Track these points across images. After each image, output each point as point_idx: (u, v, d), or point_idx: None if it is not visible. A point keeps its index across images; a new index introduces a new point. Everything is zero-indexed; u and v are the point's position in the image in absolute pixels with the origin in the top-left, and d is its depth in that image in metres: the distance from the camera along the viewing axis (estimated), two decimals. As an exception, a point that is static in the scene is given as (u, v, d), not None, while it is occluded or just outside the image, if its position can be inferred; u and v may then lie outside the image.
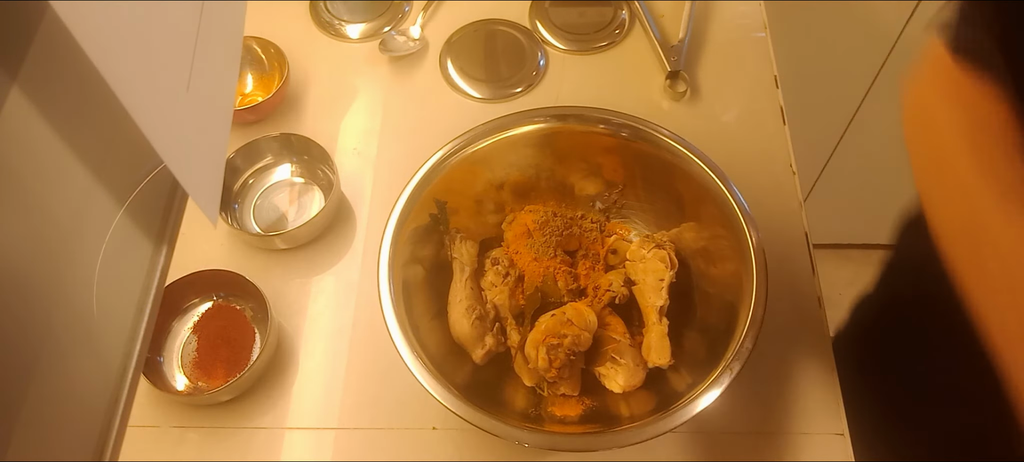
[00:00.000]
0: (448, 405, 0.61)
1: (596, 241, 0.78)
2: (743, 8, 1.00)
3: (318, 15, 1.00)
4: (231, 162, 0.83)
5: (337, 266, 0.82)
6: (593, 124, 0.75)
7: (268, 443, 0.73)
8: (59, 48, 0.29)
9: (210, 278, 0.77)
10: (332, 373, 0.76)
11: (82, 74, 0.29)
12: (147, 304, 0.38)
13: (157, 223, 0.40)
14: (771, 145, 0.89)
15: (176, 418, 0.73)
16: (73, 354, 0.34)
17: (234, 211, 0.84)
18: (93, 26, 0.29)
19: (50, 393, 0.33)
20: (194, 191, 0.35)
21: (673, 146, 0.72)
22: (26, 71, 0.30)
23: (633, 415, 0.66)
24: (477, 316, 0.70)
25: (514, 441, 0.61)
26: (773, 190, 0.85)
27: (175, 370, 0.75)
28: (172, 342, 0.76)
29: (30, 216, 0.32)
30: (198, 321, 0.77)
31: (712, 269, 0.73)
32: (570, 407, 0.69)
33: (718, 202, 0.70)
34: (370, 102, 0.93)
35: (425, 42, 0.97)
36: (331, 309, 0.79)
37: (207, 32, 0.38)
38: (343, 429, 0.73)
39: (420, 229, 0.72)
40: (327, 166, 0.84)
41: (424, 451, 0.72)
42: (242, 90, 0.93)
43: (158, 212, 0.40)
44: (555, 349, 0.67)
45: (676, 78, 0.92)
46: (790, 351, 0.75)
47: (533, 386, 0.71)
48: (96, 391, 0.35)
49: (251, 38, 0.92)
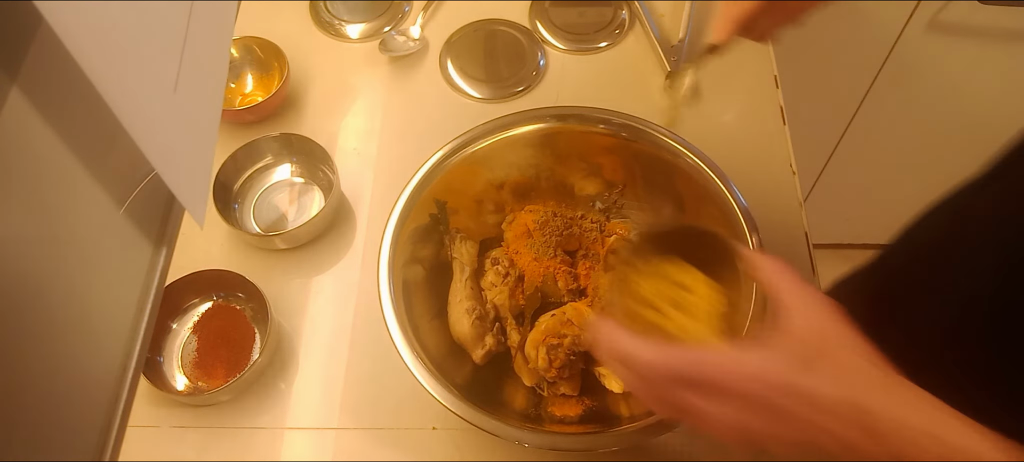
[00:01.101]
0: (448, 405, 0.61)
1: (596, 241, 0.78)
2: (743, 8, 1.00)
3: (318, 15, 1.00)
4: (231, 162, 0.83)
5: (337, 266, 0.82)
6: (593, 124, 0.75)
7: (268, 443, 0.73)
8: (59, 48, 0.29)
9: (210, 278, 0.77)
10: (332, 373, 0.76)
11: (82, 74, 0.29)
12: (147, 304, 0.38)
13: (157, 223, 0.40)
14: (771, 145, 0.89)
15: (176, 418, 0.73)
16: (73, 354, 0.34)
17: (234, 211, 0.84)
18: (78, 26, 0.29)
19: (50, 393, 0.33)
20: (181, 192, 0.35)
21: (673, 146, 0.72)
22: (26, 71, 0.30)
23: (633, 415, 0.66)
24: (477, 316, 0.70)
25: (514, 441, 0.61)
26: (773, 190, 0.85)
27: (175, 370, 0.75)
28: (172, 342, 0.76)
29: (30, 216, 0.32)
30: (198, 321, 0.77)
31: (712, 269, 0.73)
32: (570, 407, 0.69)
33: (718, 202, 0.70)
34: (370, 102, 0.93)
35: (425, 42, 0.97)
36: (331, 309, 0.79)
37: (196, 33, 0.38)
38: (343, 429, 0.73)
39: (420, 229, 0.72)
40: (327, 166, 0.84)
41: (424, 451, 0.72)
42: (242, 90, 0.93)
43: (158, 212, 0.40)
44: (555, 349, 0.67)
45: (676, 78, 0.92)
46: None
47: (533, 386, 0.71)
48: (96, 391, 0.35)
49: (251, 38, 0.92)
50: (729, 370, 0.44)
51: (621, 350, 0.47)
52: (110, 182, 0.36)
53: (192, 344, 0.76)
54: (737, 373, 0.44)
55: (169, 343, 0.76)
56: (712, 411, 0.45)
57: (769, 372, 0.43)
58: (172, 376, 0.75)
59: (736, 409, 0.44)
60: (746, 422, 0.44)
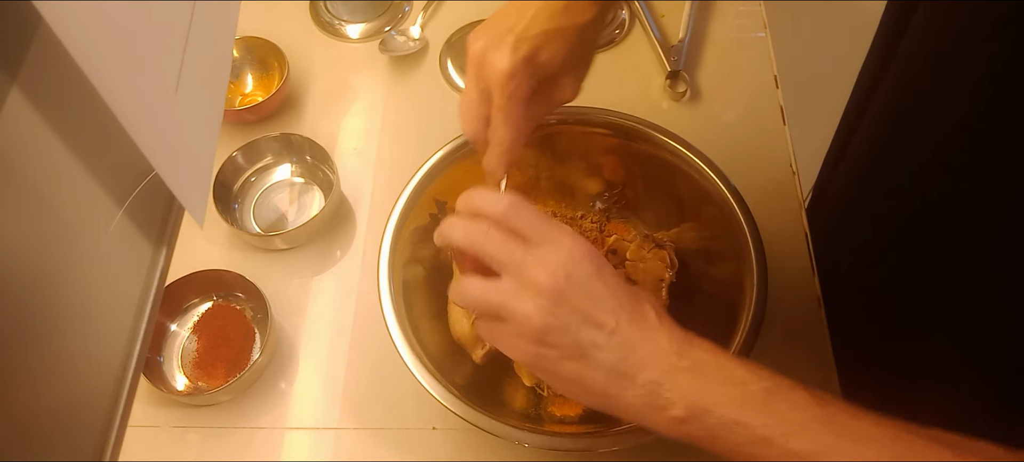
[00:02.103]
0: (448, 405, 0.61)
1: (596, 241, 0.78)
2: (743, 8, 1.00)
3: (318, 15, 1.00)
4: (231, 162, 0.83)
5: (337, 266, 0.82)
6: (593, 124, 0.75)
7: (268, 443, 0.73)
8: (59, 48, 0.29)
9: (210, 278, 0.77)
10: (332, 373, 0.76)
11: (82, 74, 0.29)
12: (147, 304, 0.38)
13: (157, 223, 0.40)
14: (771, 145, 0.89)
15: (176, 418, 0.73)
16: (73, 354, 0.35)
17: (234, 211, 0.84)
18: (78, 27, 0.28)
19: (50, 393, 0.33)
20: (181, 193, 0.35)
21: (673, 146, 0.72)
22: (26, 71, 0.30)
23: (633, 415, 0.66)
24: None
25: (514, 441, 0.61)
26: (773, 190, 0.85)
27: (175, 370, 0.75)
28: (172, 342, 0.76)
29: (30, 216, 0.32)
30: (198, 321, 0.77)
31: (712, 269, 0.73)
32: (570, 407, 0.69)
33: (718, 202, 0.70)
34: (370, 102, 0.93)
35: (425, 42, 0.97)
36: (331, 309, 0.79)
37: (198, 33, 0.38)
38: (343, 429, 0.73)
39: (420, 229, 0.72)
40: (327, 166, 0.84)
41: (424, 451, 0.72)
42: (242, 90, 0.93)
43: (158, 212, 0.40)
44: (555, 349, 0.67)
45: (676, 78, 0.92)
46: (790, 351, 0.75)
47: (533, 386, 0.71)
48: (96, 391, 0.35)
49: (251, 38, 0.92)
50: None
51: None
52: (110, 182, 0.36)
53: (192, 344, 0.76)
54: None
55: (169, 343, 0.76)
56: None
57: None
58: (172, 376, 0.75)
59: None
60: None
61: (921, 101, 0.63)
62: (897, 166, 0.68)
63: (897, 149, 0.68)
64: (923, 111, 0.63)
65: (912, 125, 0.65)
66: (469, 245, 0.49)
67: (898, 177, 0.68)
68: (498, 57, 0.54)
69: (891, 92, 0.69)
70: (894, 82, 0.69)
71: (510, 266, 0.47)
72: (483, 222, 0.49)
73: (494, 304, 0.48)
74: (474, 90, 0.57)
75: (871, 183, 0.74)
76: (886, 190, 0.70)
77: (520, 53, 0.54)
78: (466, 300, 0.50)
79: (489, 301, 0.48)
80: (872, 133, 0.74)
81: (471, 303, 0.51)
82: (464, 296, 0.50)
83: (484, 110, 0.57)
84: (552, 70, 0.57)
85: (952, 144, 0.60)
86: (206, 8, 0.39)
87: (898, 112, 0.68)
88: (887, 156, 0.70)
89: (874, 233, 0.74)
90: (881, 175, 0.71)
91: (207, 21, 0.39)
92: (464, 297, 0.50)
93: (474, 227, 0.49)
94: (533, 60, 0.54)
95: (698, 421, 0.44)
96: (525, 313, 0.46)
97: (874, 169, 0.73)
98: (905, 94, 0.66)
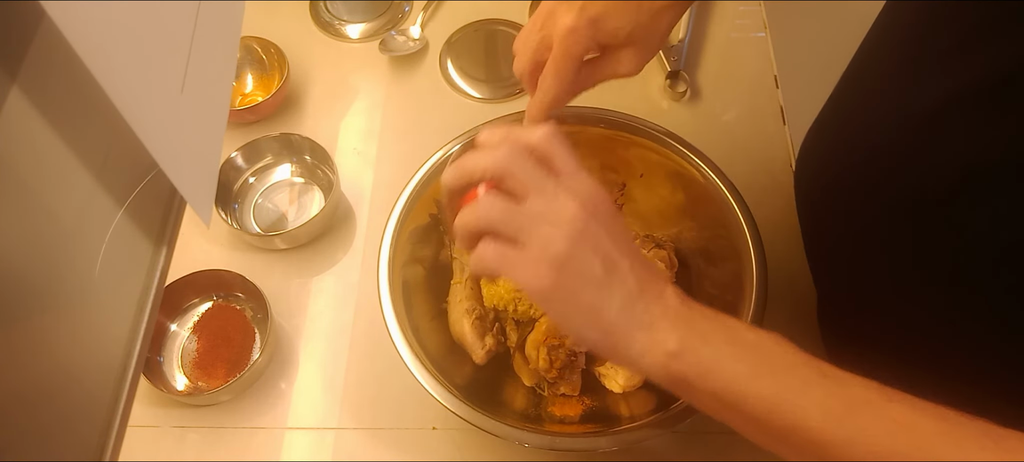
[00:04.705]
0: (448, 405, 0.61)
1: (596, 241, 0.77)
2: (743, 8, 1.00)
3: (318, 15, 1.00)
4: (231, 162, 0.84)
5: (337, 266, 0.82)
6: (593, 124, 0.74)
7: (268, 443, 0.73)
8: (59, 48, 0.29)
9: (210, 278, 0.77)
10: (332, 373, 0.76)
11: (83, 74, 0.29)
12: (147, 304, 0.38)
13: (157, 223, 0.40)
14: (771, 145, 0.89)
15: (176, 418, 0.73)
16: (73, 354, 0.35)
17: (234, 211, 0.84)
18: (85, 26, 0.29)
19: (50, 393, 0.33)
20: (188, 192, 0.35)
21: (673, 146, 0.72)
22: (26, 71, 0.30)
23: (633, 415, 0.66)
24: (477, 316, 0.70)
25: (514, 441, 0.61)
26: (773, 190, 0.85)
27: (175, 370, 0.75)
28: (172, 342, 0.76)
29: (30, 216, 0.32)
30: (198, 321, 0.77)
31: (712, 269, 0.73)
32: (570, 407, 0.69)
33: (718, 202, 0.70)
34: (370, 102, 0.93)
35: (425, 42, 0.97)
36: (331, 309, 0.79)
37: (203, 33, 0.38)
38: (343, 429, 0.73)
39: (420, 229, 0.72)
40: (327, 166, 0.84)
41: (424, 451, 0.72)
42: (242, 90, 0.93)
43: (158, 212, 0.40)
44: (556, 350, 0.67)
45: (676, 78, 0.92)
46: (790, 351, 0.75)
47: (533, 386, 0.71)
48: (96, 391, 0.35)
49: (251, 38, 0.92)
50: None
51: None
52: (110, 182, 0.36)
53: (192, 344, 0.76)
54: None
55: (169, 343, 0.76)
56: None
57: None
58: (172, 376, 0.75)
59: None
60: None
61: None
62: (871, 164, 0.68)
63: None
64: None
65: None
66: (498, 168, 0.48)
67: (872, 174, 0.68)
68: (565, 10, 0.55)
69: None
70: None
71: (544, 189, 0.47)
72: (514, 146, 0.49)
73: (515, 226, 0.47)
74: (536, 35, 0.58)
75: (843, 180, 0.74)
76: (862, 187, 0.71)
77: (587, 13, 0.55)
78: (487, 218, 0.48)
79: (513, 221, 0.47)
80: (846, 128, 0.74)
81: (494, 221, 0.48)
82: (487, 213, 0.48)
83: (540, 56, 0.58)
84: (616, 40, 0.57)
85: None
86: (211, 9, 0.39)
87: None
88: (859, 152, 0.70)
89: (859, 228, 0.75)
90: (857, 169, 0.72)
91: (212, 22, 0.39)
92: (487, 215, 0.48)
93: (504, 151, 0.49)
94: (597, 23, 0.55)
95: (693, 354, 0.45)
96: (551, 237, 0.46)
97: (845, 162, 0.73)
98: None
